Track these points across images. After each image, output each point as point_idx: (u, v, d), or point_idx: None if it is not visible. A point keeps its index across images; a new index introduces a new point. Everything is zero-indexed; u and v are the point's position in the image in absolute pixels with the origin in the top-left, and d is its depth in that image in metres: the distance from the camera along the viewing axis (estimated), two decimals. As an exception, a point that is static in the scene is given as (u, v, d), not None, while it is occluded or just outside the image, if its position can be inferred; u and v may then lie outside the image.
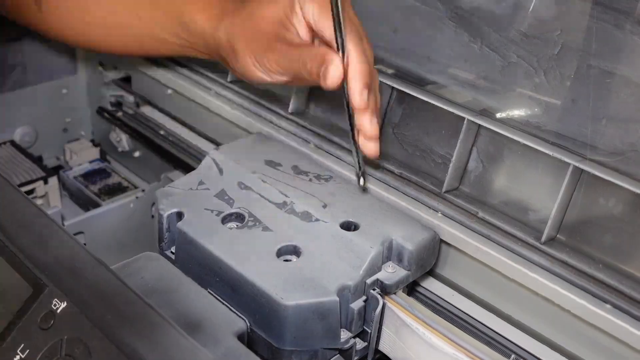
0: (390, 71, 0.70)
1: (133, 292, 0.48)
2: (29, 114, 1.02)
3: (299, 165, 0.68)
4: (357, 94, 0.57)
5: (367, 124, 0.58)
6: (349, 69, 0.57)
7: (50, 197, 0.95)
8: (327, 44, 0.60)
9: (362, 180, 0.62)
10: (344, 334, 0.57)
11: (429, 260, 0.61)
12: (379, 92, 0.61)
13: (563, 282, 0.55)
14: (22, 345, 0.47)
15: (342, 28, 0.56)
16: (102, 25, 0.76)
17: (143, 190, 0.99)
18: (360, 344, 0.58)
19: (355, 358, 0.59)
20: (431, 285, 0.65)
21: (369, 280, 0.57)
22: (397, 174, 0.67)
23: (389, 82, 0.67)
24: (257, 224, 0.61)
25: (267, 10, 0.61)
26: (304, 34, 0.61)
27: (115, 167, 1.06)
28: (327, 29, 0.59)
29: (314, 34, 0.62)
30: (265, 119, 0.76)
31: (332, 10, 0.55)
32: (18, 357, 0.47)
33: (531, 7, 0.59)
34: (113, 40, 0.77)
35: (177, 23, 0.69)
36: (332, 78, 0.56)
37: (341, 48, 0.56)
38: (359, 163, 0.61)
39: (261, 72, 0.62)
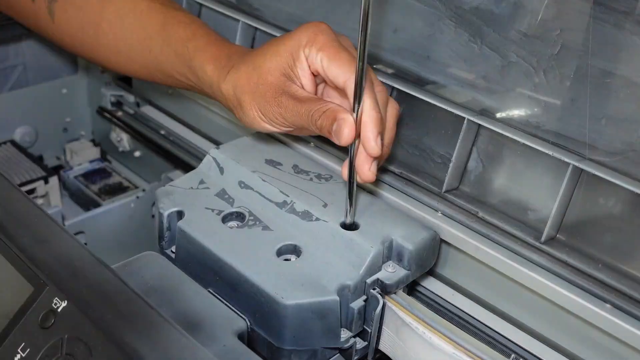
0: (390, 71, 0.70)
1: (133, 291, 0.48)
2: (29, 114, 1.02)
3: (299, 165, 0.68)
4: (372, 141, 0.56)
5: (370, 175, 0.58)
6: (362, 117, 0.56)
7: (50, 196, 0.96)
8: (336, 90, 0.61)
9: (349, 216, 0.60)
10: (344, 334, 0.57)
11: (429, 260, 0.61)
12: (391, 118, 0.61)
13: (563, 282, 0.56)
14: (23, 344, 0.47)
15: (363, 83, 0.55)
16: (113, 49, 0.75)
17: (143, 190, 1.00)
18: (360, 344, 0.59)
19: (355, 357, 0.59)
20: (431, 284, 0.65)
21: (369, 280, 0.57)
22: (397, 174, 0.67)
23: (388, 82, 0.67)
24: (258, 223, 0.61)
25: (271, 62, 0.61)
26: (308, 84, 0.61)
27: (116, 167, 1.06)
28: (339, 77, 0.58)
29: (319, 82, 0.62)
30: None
31: (357, 64, 0.54)
32: (19, 356, 0.47)
33: (531, 7, 0.59)
34: (122, 64, 0.76)
35: (186, 65, 0.68)
36: (345, 138, 0.55)
37: (358, 101, 0.55)
38: (351, 199, 0.60)
39: (267, 124, 0.62)
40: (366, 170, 0.57)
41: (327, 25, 0.61)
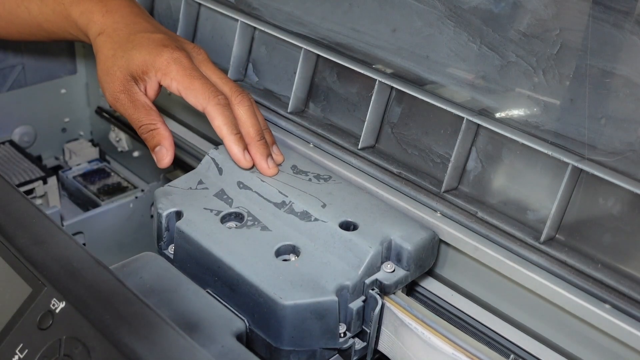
0: (389, 70, 0.70)
1: (131, 292, 0.48)
2: (28, 114, 1.02)
3: (298, 165, 0.68)
4: (239, 158, 0.65)
5: (264, 168, 0.66)
6: (223, 140, 0.65)
7: (49, 197, 0.95)
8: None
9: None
10: (343, 334, 0.57)
11: (427, 260, 0.61)
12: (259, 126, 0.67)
13: (562, 282, 0.55)
14: (21, 345, 0.47)
15: None
16: None
17: (142, 190, 0.99)
18: (359, 344, 0.59)
19: (354, 358, 0.59)
20: (430, 285, 0.65)
21: (367, 280, 0.57)
22: (396, 174, 0.67)
23: (387, 82, 0.67)
24: (256, 223, 0.61)
25: (137, 59, 0.66)
26: (152, 94, 0.68)
27: (115, 167, 1.06)
28: (197, 105, 0.65)
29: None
30: (264, 119, 0.76)
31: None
32: (17, 357, 0.47)
33: (530, 7, 0.59)
34: (4, 28, 0.81)
35: (64, 19, 0.74)
36: (163, 165, 0.65)
37: None
38: None
39: (105, 95, 0.69)
40: (265, 167, 0.66)
41: (182, 54, 0.66)
